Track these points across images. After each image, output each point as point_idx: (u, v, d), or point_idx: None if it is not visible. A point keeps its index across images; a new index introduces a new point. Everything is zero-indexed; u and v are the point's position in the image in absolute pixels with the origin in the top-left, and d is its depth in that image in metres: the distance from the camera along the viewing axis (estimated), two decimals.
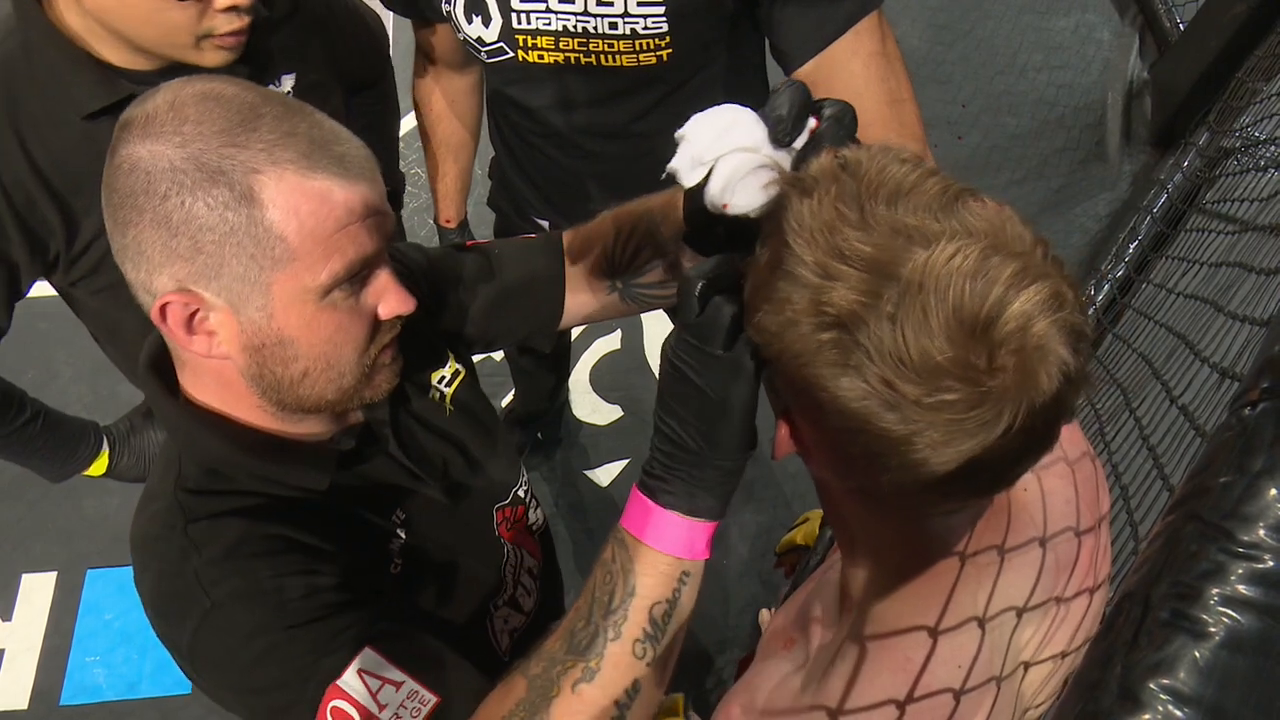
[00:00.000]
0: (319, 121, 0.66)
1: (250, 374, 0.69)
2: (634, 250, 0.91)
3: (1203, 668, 0.34)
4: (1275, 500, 0.37)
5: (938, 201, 0.50)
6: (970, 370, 0.47)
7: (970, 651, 0.63)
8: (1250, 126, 1.96)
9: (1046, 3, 3.02)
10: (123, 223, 0.64)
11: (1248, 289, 1.28)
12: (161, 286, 0.65)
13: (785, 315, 0.52)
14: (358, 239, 0.66)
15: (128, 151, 0.63)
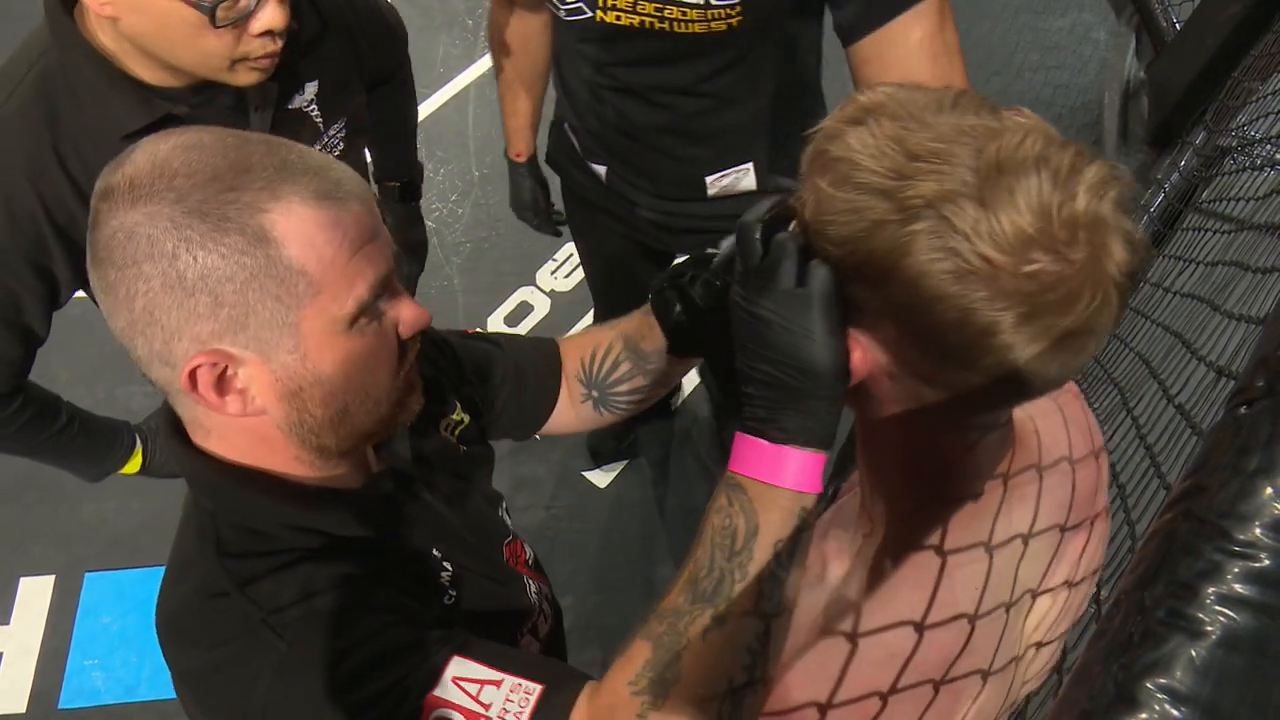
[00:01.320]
0: (305, 151, 0.65)
1: (290, 423, 0.67)
2: (613, 364, 0.96)
3: (1199, 667, 0.34)
4: (1271, 499, 0.37)
5: (984, 106, 0.56)
6: (1055, 241, 0.51)
7: (980, 578, 0.68)
8: (1246, 125, 1.97)
9: (1043, 2, 3.03)
10: (128, 295, 0.61)
11: (1244, 287, 1.28)
12: (183, 352, 0.62)
13: (868, 220, 0.54)
14: (373, 259, 0.65)
15: (119, 220, 0.60)
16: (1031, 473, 0.72)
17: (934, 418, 0.62)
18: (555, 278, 2.64)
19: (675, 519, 2.23)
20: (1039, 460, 0.73)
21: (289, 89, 1.07)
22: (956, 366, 0.56)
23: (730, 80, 1.19)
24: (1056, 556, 0.75)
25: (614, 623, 2.07)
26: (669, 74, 1.19)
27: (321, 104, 1.12)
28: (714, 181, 1.34)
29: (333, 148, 1.17)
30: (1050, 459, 0.74)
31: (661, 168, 1.34)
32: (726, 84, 1.20)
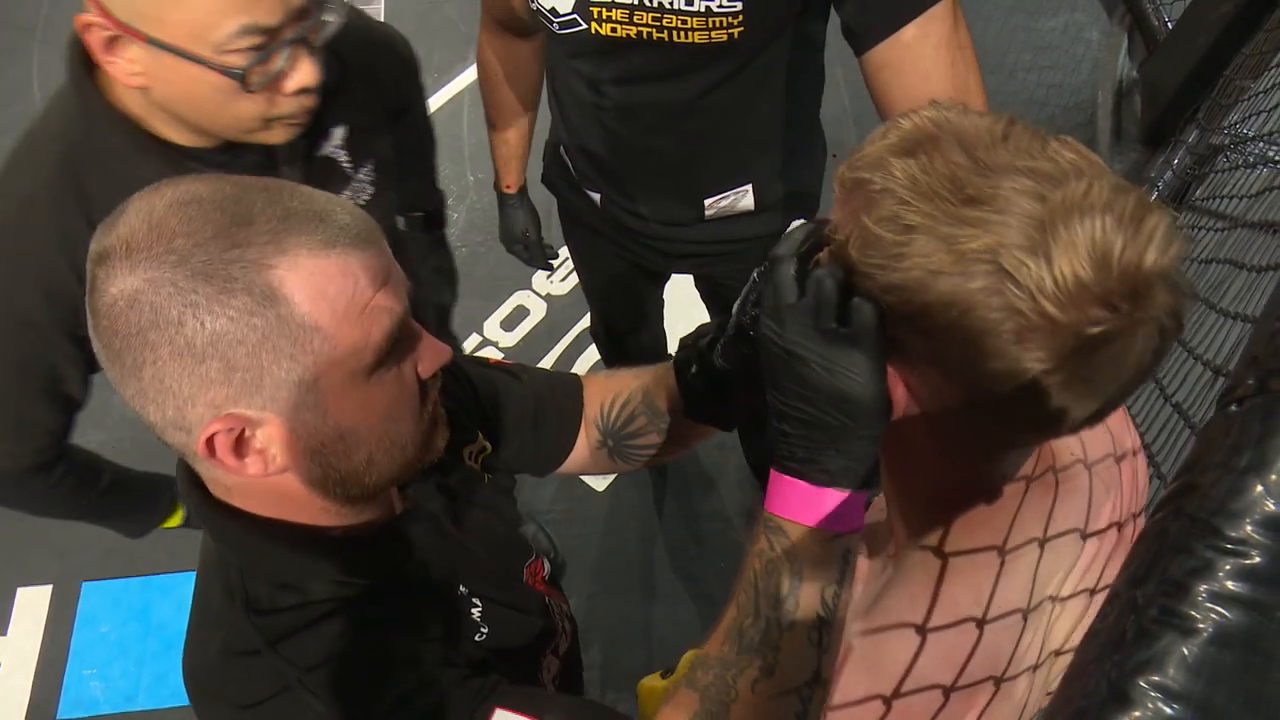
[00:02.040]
0: (308, 195, 0.62)
1: (314, 478, 0.65)
2: (629, 416, 0.94)
3: (1191, 664, 0.34)
4: (1262, 496, 0.37)
5: (1036, 138, 0.54)
6: (1116, 297, 0.50)
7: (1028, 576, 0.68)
8: (1239, 124, 1.97)
9: (1035, 3, 3.04)
10: (135, 365, 0.58)
11: (1239, 286, 1.28)
12: (197, 418, 0.59)
13: (923, 270, 0.52)
14: (388, 304, 0.62)
15: (119, 288, 0.57)
16: (1049, 476, 0.72)
17: (969, 450, 0.62)
18: (551, 282, 2.64)
19: (673, 520, 2.23)
20: (1054, 463, 0.73)
21: (315, 137, 1.05)
22: (997, 408, 0.55)
23: (728, 96, 1.17)
24: (1079, 561, 0.74)
25: (614, 624, 2.07)
26: (666, 90, 1.17)
27: (350, 148, 1.10)
28: (712, 203, 1.32)
29: (362, 192, 1.14)
30: (1064, 463, 0.74)
31: (658, 190, 1.32)
32: (724, 100, 1.17)
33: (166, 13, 0.81)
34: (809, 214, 1.42)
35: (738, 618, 0.61)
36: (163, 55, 0.83)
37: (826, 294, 0.56)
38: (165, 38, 0.82)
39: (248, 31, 0.82)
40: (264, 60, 0.85)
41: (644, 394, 0.93)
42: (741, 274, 1.46)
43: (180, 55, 0.83)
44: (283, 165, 1.02)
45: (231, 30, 0.82)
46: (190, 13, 0.81)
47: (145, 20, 0.82)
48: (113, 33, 0.84)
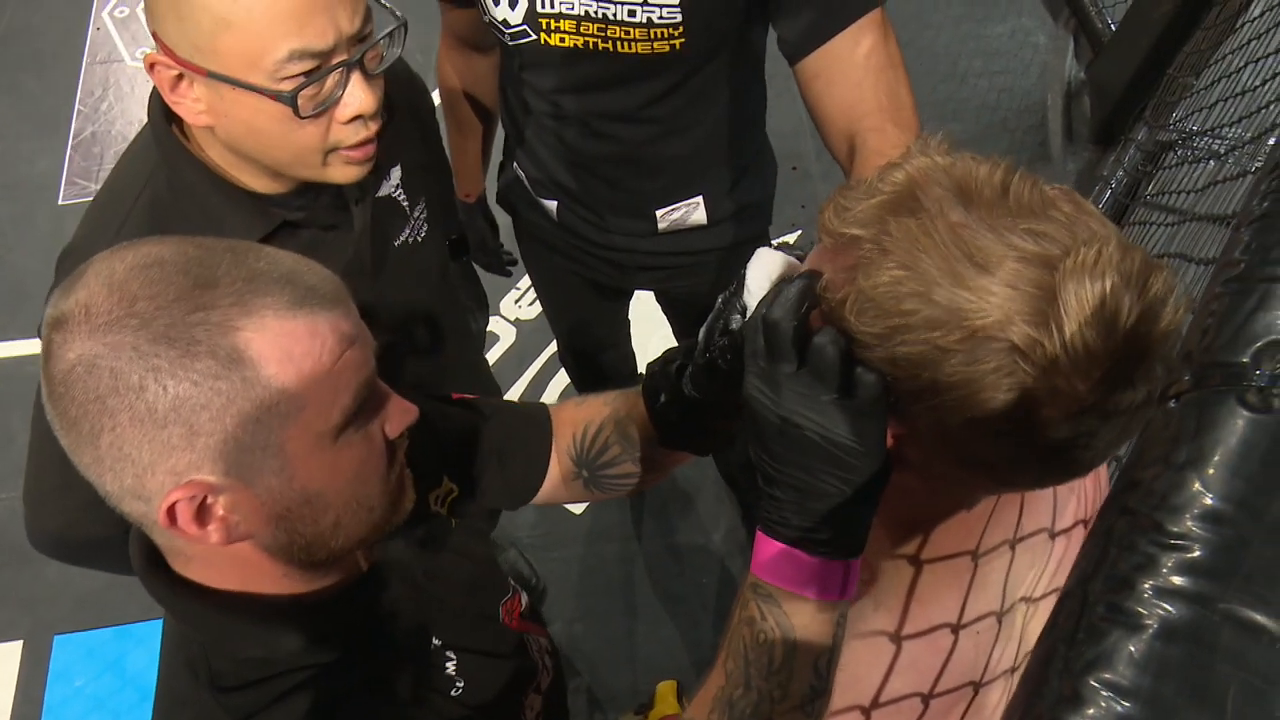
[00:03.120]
0: (274, 256, 0.61)
1: (278, 545, 0.63)
2: (603, 445, 0.92)
3: (1139, 660, 0.34)
4: (1200, 492, 0.38)
5: (1036, 196, 0.52)
6: (1125, 363, 0.49)
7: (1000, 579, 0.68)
8: (1184, 120, 2.02)
9: (983, 10, 3.09)
10: (91, 432, 0.56)
11: (1189, 279, 1.31)
12: (158, 486, 0.57)
13: (932, 345, 0.51)
14: (356, 365, 0.61)
15: (77, 353, 0.55)
16: None
17: (957, 487, 0.62)
18: (520, 306, 2.64)
19: (652, 539, 2.23)
20: None
21: (376, 178, 1.05)
22: (992, 462, 0.55)
23: (675, 106, 1.20)
24: (1050, 561, 0.75)
25: (598, 646, 2.06)
26: (613, 99, 1.19)
27: (406, 187, 1.10)
28: (664, 215, 1.34)
29: (420, 230, 1.14)
30: None
31: (610, 200, 1.34)
32: (671, 109, 1.20)
33: (219, 43, 0.81)
34: (761, 227, 1.44)
35: (727, 687, 0.59)
36: (222, 88, 0.84)
37: (829, 364, 0.53)
38: (221, 69, 0.82)
39: (298, 56, 0.82)
40: (316, 84, 0.84)
41: (616, 422, 0.91)
42: (697, 289, 1.49)
43: (236, 85, 0.83)
44: (354, 205, 1.02)
45: (281, 55, 0.81)
46: (240, 41, 0.81)
47: (201, 54, 0.82)
48: (176, 70, 0.84)
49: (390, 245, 1.10)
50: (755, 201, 1.39)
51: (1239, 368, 0.41)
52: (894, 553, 0.68)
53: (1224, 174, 1.61)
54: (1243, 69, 1.72)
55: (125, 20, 3.49)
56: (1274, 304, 0.43)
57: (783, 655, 0.57)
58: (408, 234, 1.12)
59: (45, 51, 3.46)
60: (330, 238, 1.02)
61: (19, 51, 3.47)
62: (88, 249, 0.95)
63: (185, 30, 0.81)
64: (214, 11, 0.79)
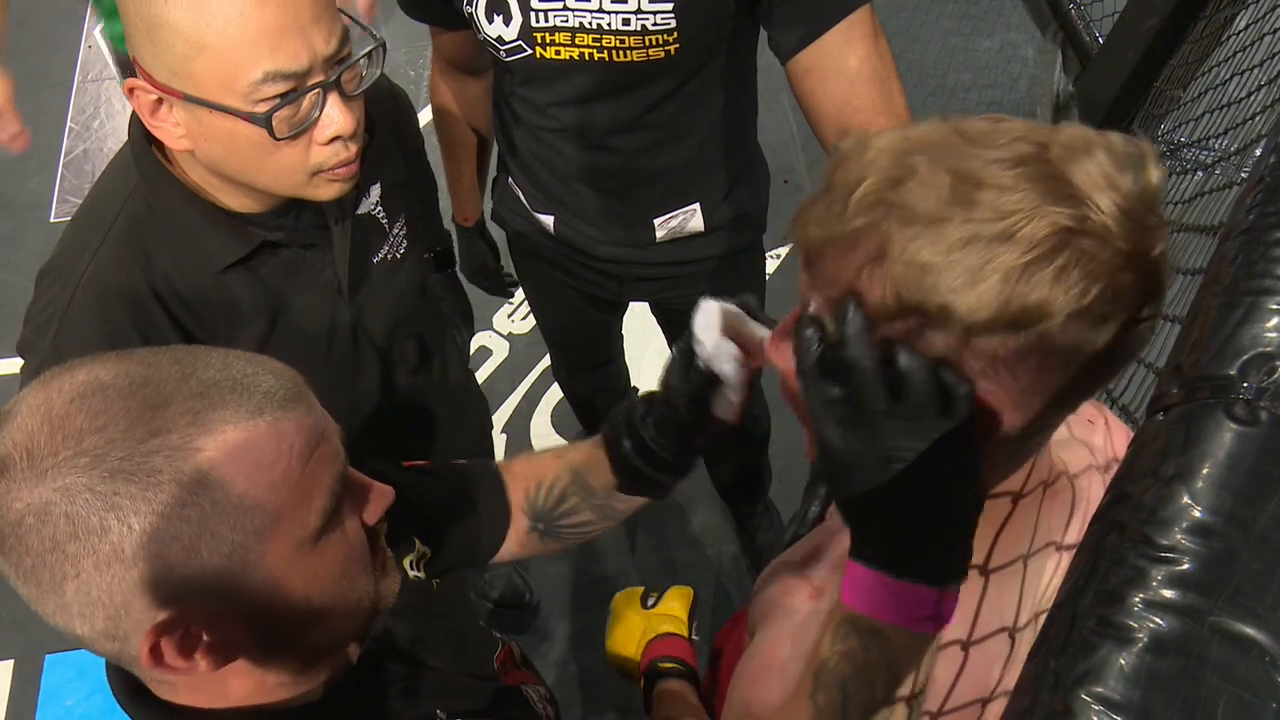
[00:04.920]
0: (222, 360, 0.57)
1: (270, 658, 0.61)
2: (559, 496, 0.92)
3: (1129, 673, 0.34)
4: (1189, 505, 0.38)
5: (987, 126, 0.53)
6: (1144, 214, 0.51)
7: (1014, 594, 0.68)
8: (1171, 132, 2.03)
9: (971, 24, 3.12)
10: (54, 581, 0.52)
11: (1176, 289, 1.31)
12: (134, 626, 0.54)
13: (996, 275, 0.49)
14: (327, 461, 0.58)
15: (25, 502, 0.51)
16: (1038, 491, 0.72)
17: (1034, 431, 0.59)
18: (513, 321, 2.64)
19: (646, 552, 2.23)
20: (1048, 478, 0.73)
21: (356, 195, 1.05)
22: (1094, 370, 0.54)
23: (670, 112, 1.21)
24: (1056, 576, 0.74)
25: (594, 662, 2.05)
26: (610, 109, 1.20)
27: (386, 204, 1.11)
28: (662, 223, 1.35)
29: (399, 247, 1.14)
30: (1054, 475, 0.74)
31: (608, 211, 1.34)
32: (666, 116, 1.21)
33: (194, 66, 0.81)
34: (757, 235, 1.45)
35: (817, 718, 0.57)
36: (199, 111, 0.84)
37: (926, 389, 0.50)
38: (197, 92, 0.82)
39: (272, 78, 0.82)
40: (290, 106, 0.84)
41: (573, 473, 0.91)
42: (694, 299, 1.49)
43: (212, 108, 0.83)
44: (334, 224, 1.02)
45: (256, 77, 0.81)
46: (214, 64, 0.80)
47: (178, 77, 0.82)
48: (155, 95, 0.84)
49: (369, 262, 1.10)
50: (751, 209, 1.40)
51: (1226, 380, 0.42)
52: None
53: (1211, 185, 1.62)
54: (1229, 81, 1.73)
55: None
56: (1260, 317, 0.43)
57: (885, 690, 0.56)
58: (386, 250, 1.12)
59: (37, 70, 3.46)
60: (310, 256, 1.02)
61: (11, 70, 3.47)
62: (67, 268, 0.95)
63: (161, 55, 0.81)
64: (187, 35, 0.79)
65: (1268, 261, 0.44)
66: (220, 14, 0.78)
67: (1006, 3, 3.15)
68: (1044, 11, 3.01)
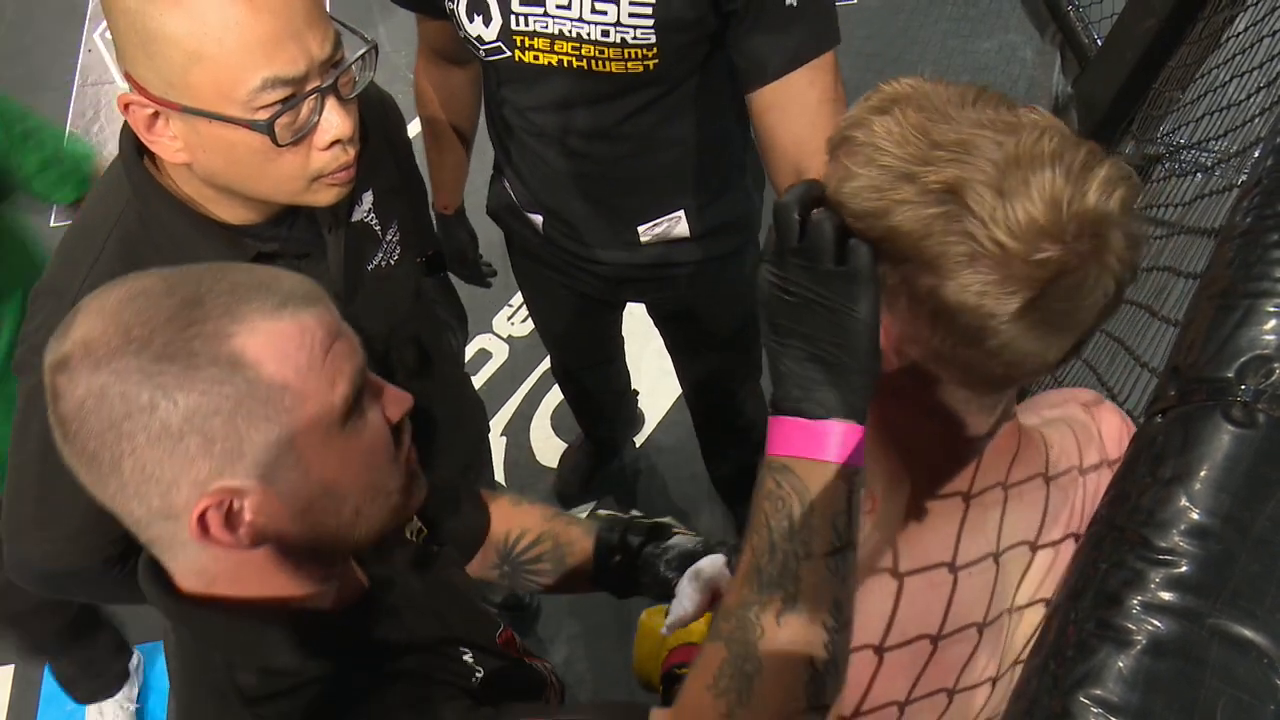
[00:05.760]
0: (249, 268, 0.65)
1: (304, 541, 0.66)
2: (536, 556, 1.01)
3: (1128, 676, 0.35)
4: (1187, 507, 0.38)
5: (1003, 103, 0.60)
6: (1064, 233, 0.54)
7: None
8: (1171, 133, 2.03)
9: (970, 26, 3.12)
10: (113, 461, 0.59)
11: (1179, 292, 1.31)
12: (184, 501, 0.60)
13: (890, 200, 0.58)
14: (346, 354, 0.65)
15: (83, 388, 0.58)
16: (1038, 481, 0.74)
17: (934, 398, 0.65)
18: (512, 324, 2.64)
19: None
20: (1046, 470, 0.75)
21: (349, 203, 1.05)
22: (962, 344, 0.59)
23: (649, 123, 1.20)
24: (1031, 572, 0.75)
25: (593, 665, 2.05)
26: (588, 116, 1.20)
27: (378, 211, 1.10)
28: (646, 230, 1.34)
29: (392, 254, 1.14)
30: (1058, 470, 0.76)
31: (591, 215, 1.34)
32: (646, 126, 1.21)
33: (191, 76, 0.80)
34: (749, 237, 1.45)
35: (753, 559, 0.62)
36: (197, 122, 0.83)
37: (825, 236, 0.59)
38: (195, 103, 0.82)
39: (271, 84, 0.81)
40: (291, 112, 0.84)
41: (556, 544, 1.01)
42: (685, 300, 1.49)
43: (212, 118, 0.82)
44: (328, 232, 1.02)
45: (255, 85, 0.81)
46: (212, 73, 0.80)
47: (175, 89, 0.82)
48: (151, 109, 0.84)
49: (364, 270, 1.10)
50: (741, 213, 1.40)
51: (1224, 383, 0.42)
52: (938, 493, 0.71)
53: (1211, 187, 1.62)
54: (1228, 83, 1.73)
55: None
56: (1258, 319, 0.43)
57: (801, 516, 0.61)
58: (380, 258, 1.12)
59: (37, 73, 3.46)
60: (304, 266, 1.02)
61: (11, 74, 3.48)
62: (61, 287, 0.95)
63: (157, 67, 0.81)
64: (184, 45, 0.79)
65: (1265, 264, 0.44)
66: (216, 22, 0.78)
67: (1005, 4, 3.15)
68: (1043, 13, 3.01)
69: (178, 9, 0.78)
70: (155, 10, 0.78)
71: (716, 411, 1.82)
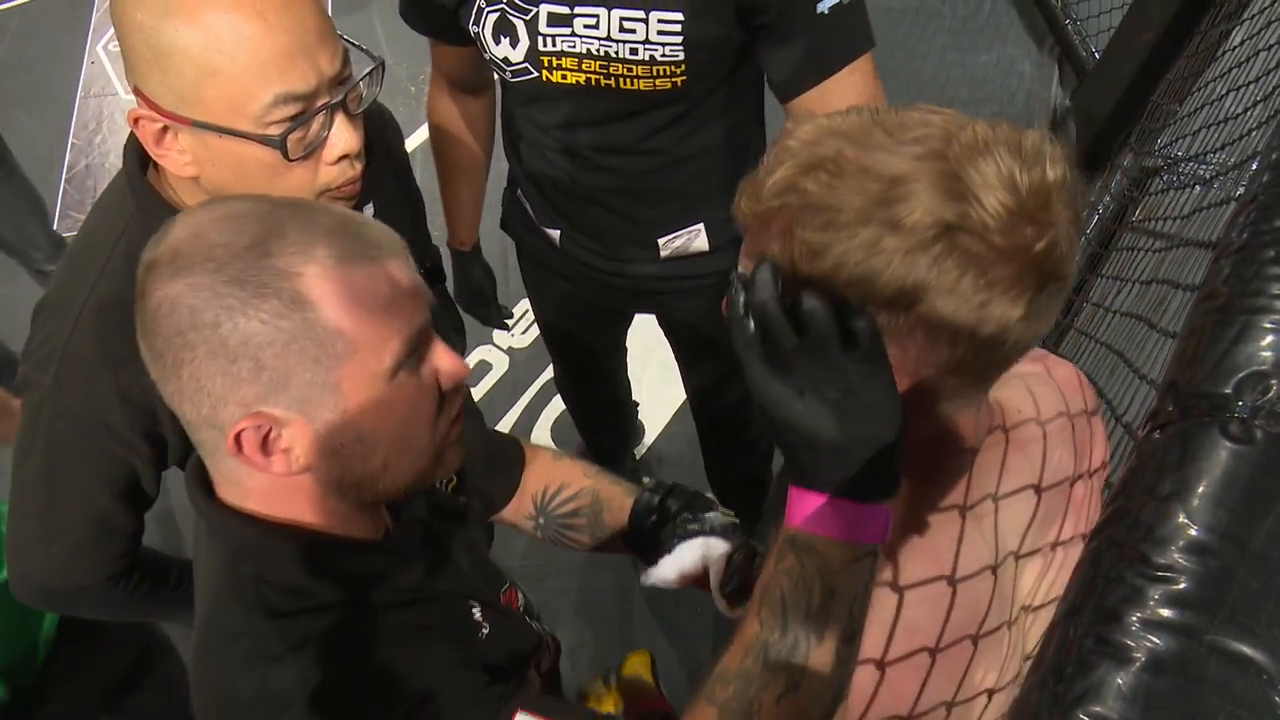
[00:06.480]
0: (338, 212, 0.68)
1: (332, 479, 0.69)
2: (573, 510, 1.02)
3: (1127, 693, 0.35)
4: (1185, 523, 0.38)
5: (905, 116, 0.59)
6: (1035, 210, 0.55)
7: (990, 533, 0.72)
8: (1168, 146, 2.04)
9: (969, 39, 3.14)
10: (175, 364, 0.64)
11: (1178, 303, 1.32)
12: (229, 416, 0.64)
13: (884, 253, 0.56)
14: (408, 312, 0.67)
15: (163, 292, 0.63)
16: (998, 434, 0.75)
17: (936, 405, 0.65)
18: (513, 335, 2.64)
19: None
20: (1004, 422, 0.76)
21: None
22: (984, 351, 0.59)
23: (674, 137, 1.21)
24: (1037, 518, 0.76)
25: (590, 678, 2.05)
26: (614, 132, 1.21)
27: None
28: (666, 243, 1.35)
29: None
30: (1015, 421, 0.77)
31: (613, 230, 1.35)
32: (671, 141, 1.21)
33: (204, 92, 0.81)
34: None
35: (762, 633, 0.61)
36: (208, 136, 0.84)
37: (826, 323, 0.56)
38: (207, 118, 0.83)
39: (283, 100, 0.83)
40: (302, 128, 0.85)
41: (594, 500, 1.01)
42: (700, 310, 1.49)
43: (223, 132, 0.83)
44: None
45: (267, 100, 0.82)
46: (225, 88, 0.81)
47: (187, 104, 0.83)
48: (161, 123, 0.85)
49: None
50: None
51: (1222, 399, 0.42)
52: (938, 505, 0.71)
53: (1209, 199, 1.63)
54: (1225, 96, 1.74)
55: (120, 55, 3.52)
56: (1255, 335, 0.43)
57: (820, 600, 0.59)
58: None
59: (40, 84, 3.48)
60: None
61: (14, 84, 3.49)
62: (65, 303, 0.96)
63: (169, 82, 0.82)
64: (198, 61, 0.80)
65: (1261, 280, 0.44)
66: (230, 39, 0.79)
67: (1004, 17, 3.17)
68: (1041, 26, 3.03)
69: (192, 25, 0.79)
70: (169, 26, 0.79)
71: (722, 422, 1.82)
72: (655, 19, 1.06)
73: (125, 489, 1.01)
